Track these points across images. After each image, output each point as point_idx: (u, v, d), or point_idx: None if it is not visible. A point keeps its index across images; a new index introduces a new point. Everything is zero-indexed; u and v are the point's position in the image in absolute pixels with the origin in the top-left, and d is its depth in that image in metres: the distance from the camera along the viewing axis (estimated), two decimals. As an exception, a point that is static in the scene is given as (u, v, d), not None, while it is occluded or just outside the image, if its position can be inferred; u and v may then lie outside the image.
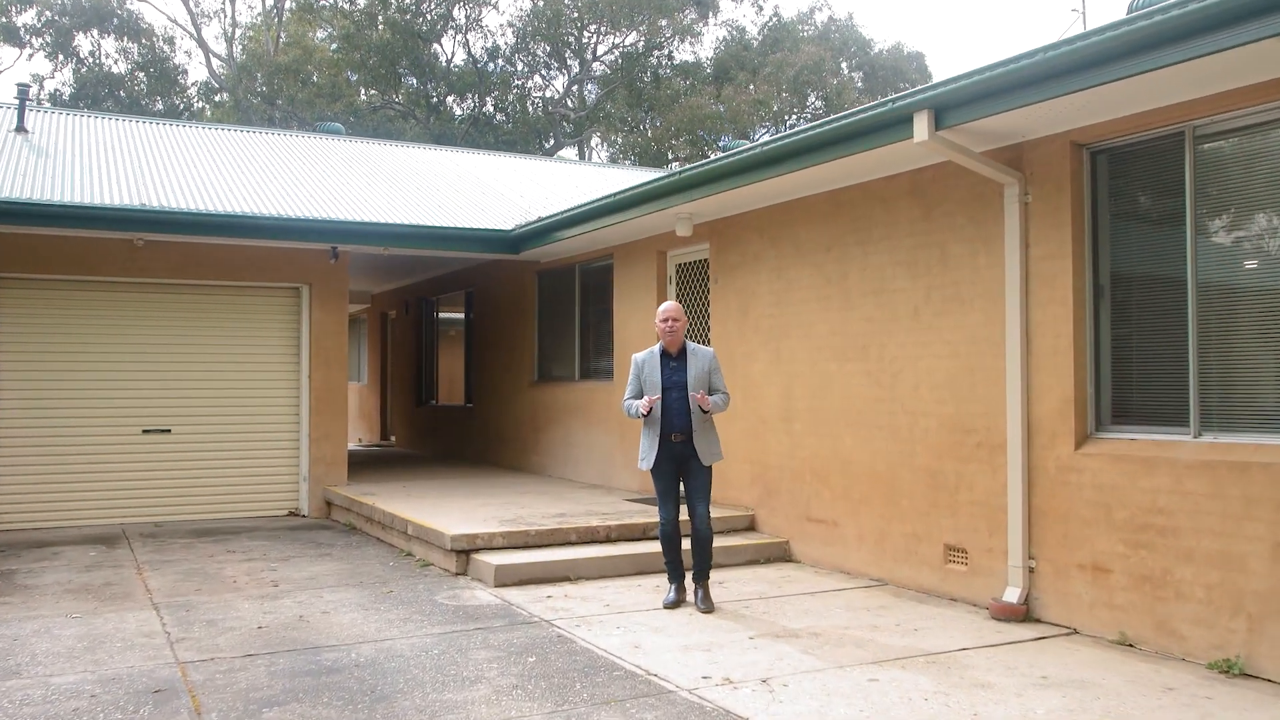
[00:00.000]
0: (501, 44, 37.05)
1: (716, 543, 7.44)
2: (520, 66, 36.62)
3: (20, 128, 13.11)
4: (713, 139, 33.99)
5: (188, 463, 11.26)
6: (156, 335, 11.19)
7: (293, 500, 11.76)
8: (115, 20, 35.05)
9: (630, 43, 36.20)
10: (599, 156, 39.39)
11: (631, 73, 35.75)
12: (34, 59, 45.86)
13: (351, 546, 9.52)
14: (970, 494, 6.96)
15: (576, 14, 35.35)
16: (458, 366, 17.38)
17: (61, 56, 35.12)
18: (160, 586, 7.63)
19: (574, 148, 38.18)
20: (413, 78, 35.70)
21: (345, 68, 34.63)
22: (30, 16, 34.41)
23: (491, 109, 36.36)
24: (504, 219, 12.52)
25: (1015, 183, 6.55)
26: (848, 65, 38.47)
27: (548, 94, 37.62)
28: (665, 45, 36.32)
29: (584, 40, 36.42)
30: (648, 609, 6.85)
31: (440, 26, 35.22)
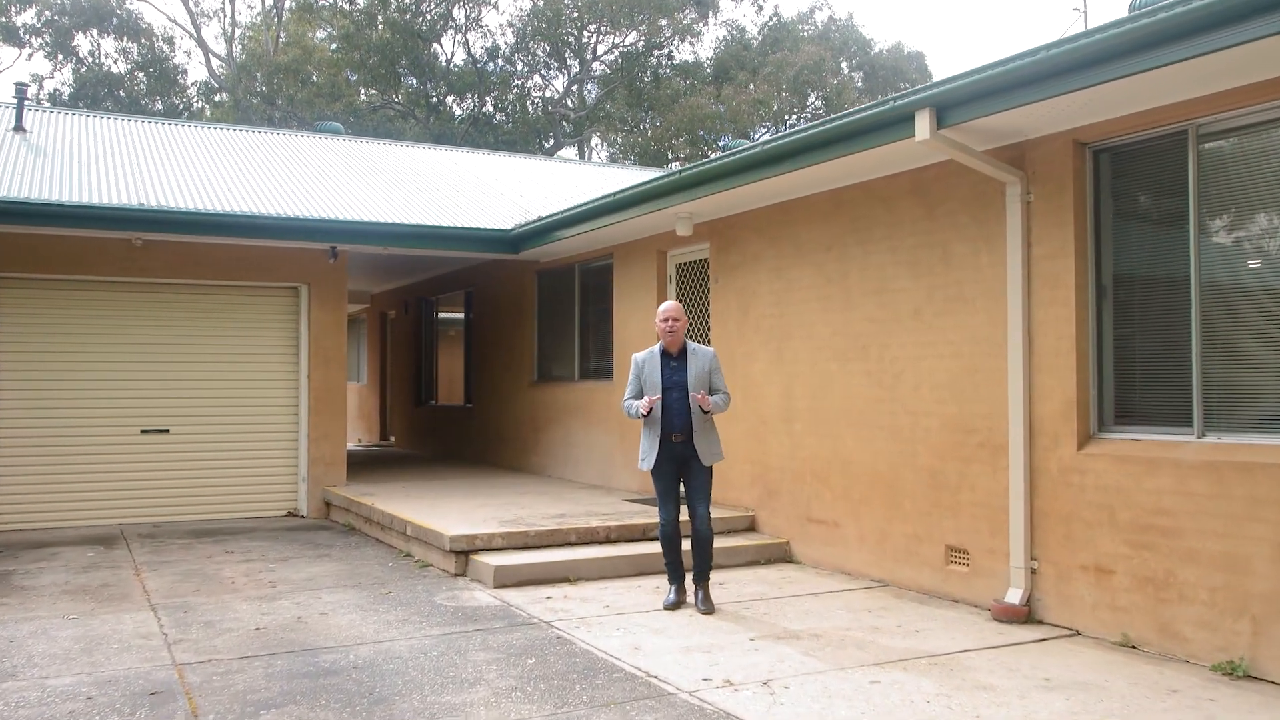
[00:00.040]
0: (501, 44, 37.08)
1: (717, 544, 7.40)
2: (520, 66, 36.61)
3: (18, 127, 13.06)
4: (713, 139, 33.96)
5: (186, 463, 11.23)
6: (155, 335, 11.16)
7: (291, 501, 11.73)
8: (115, 20, 35.03)
9: (630, 42, 36.17)
10: (599, 156, 39.39)
11: (631, 73, 35.72)
12: (33, 59, 45.86)
13: (350, 547, 9.48)
14: (972, 495, 6.93)
15: (576, 14, 35.31)
16: (457, 366, 17.35)
17: (61, 56, 35.12)
18: (158, 587, 7.60)
19: (574, 148, 38.15)
20: (412, 77, 35.66)
21: (345, 67, 34.61)
22: (30, 16, 34.41)
23: (491, 109, 36.33)
24: (504, 218, 12.49)
25: (1017, 182, 6.52)
26: (848, 65, 38.44)
27: (547, 94, 37.62)
28: (665, 45, 36.29)
29: (584, 40, 36.39)
30: (648, 610, 6.81)
31: (440, 26, 35.19)
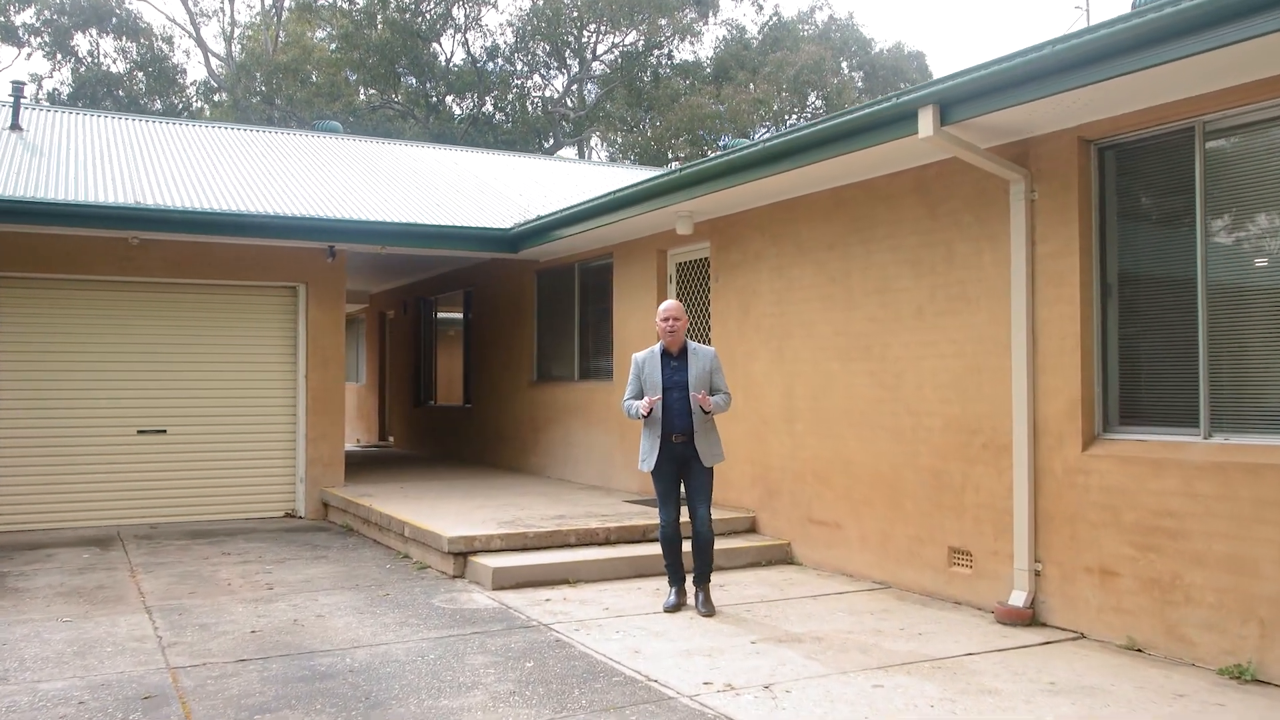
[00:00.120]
0: (501, 43, 36.96)
1: (718, 545, 7.33)
2: (520, 66, 36.56)
3: (15, 125, 13.00)
4: (713, 138, 33.90)
5: (183, 464, 11.16)
6: (152, 335, 11.09)
7: (289, 502, 11.66)
8: (114, 20, 34.98)
9: (630, 42, 36.11)
10: (599, 156, 39.31)
11: (631, 72, 35.66)
12: (32, 58, 45.77)
13: (348, 549, 9.42)
14: (975, 496, 6.86)
15: (576, 13, 35.25)
16: (456, 366, 17.28)
17: (60, 56, 35.07)
18: (153, 589, 7.53)
19: (574, 147, 38.09)
20: (412, 77, 35.60)
21: (344, 67, 34.56)
22: (29, 16, 34.35)
23: (491, 108, 36.28)
24: (503, 217, 12.42)
25: (1021, 179, 6.45)
26: (848, 65, 38.38)
27: (547, 93, 37.57)
28: (665, 45, 36.23)
29: (584, 40, 36.32)
30: (648, 612, 6.75)
31: (439, 26, 35.14)
